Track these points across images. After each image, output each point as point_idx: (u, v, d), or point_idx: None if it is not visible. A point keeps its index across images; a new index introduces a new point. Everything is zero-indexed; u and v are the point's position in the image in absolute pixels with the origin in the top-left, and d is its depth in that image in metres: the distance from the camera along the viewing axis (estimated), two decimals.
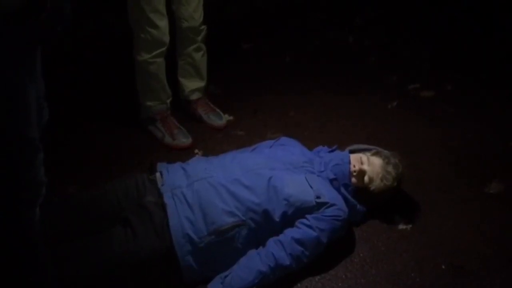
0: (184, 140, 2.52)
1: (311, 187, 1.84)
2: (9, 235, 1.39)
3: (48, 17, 1.21)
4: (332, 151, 2.14)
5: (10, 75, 1.24)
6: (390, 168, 1.98)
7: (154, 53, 2.36)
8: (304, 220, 1.80)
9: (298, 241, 1.76)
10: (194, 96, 2.68)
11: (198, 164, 1.95)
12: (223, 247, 1.74)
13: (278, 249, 1.75)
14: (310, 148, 2.18)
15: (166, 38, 2.36)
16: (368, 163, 1.98)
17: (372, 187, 1.97)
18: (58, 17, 1.25)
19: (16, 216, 1.37)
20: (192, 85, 2.65)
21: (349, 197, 1.95)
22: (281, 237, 1.78)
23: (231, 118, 2.71)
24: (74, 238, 1.72)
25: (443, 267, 1.87)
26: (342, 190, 1.95)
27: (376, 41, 3.56)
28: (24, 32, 1.23)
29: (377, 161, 2.00)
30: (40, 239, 1.45)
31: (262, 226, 1.78)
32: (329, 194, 1.86)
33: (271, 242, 1.77)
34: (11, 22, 1.18)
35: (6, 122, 1.27)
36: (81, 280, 1.63)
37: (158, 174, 1.90)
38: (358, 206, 1.97)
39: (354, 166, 1.97)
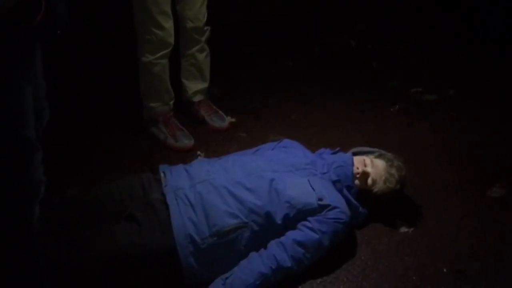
0: (186, 141, 2.52)
1: (313, 189, 1.84)
2: (7, 234, 1.38)
3: (43, 18, 1.21)
4: (334, 153, 2.14)
5: (4, 75, 1.24)
6: (393, 171, 1.98)
7: (159, 54, 2.37)
8: (306, 223, 1.80)
9: (300, 243, 1.76)
10: (197, 98, 2.69)
11: (201, 166, 1.95)
12: (225, 249, 1.74)
13: (279, 251, 1.75)
14: (312, 151, 2.17)
15: (171, 39, 2.37)
16: (372, 165, 1.98)
17: (375, 189, 1.97)
18: (54, 19, 1.26)
19: (14, 215, 1.38)
20: (195, 86, 2.66)
21: (351, 199, 1.95)
22: (282, 239, 1.78)
23: (233, 120, 2.72)
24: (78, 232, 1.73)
25: (445, 271, 1.87)
26: (345, 192, 1.94)
27: (379, 46, 3.57)
28: (19, 33, 1.23)
29: (380, 163, 2.00)
30: (37, 238, 1.46)
31: (265, 229, 1.78)
32: (331, 196, 1.86)
33: (273, 244, 1.77)
34: (5, 23, 1.19)
35: (1, 122, 1.27)
36: (84, 270, 1.63)
37: (162, 175, 1.90)
38: (361, 208, 1.97)
39: (358, 168, 1.97)
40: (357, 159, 2.01)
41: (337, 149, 2.17)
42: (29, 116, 1.32)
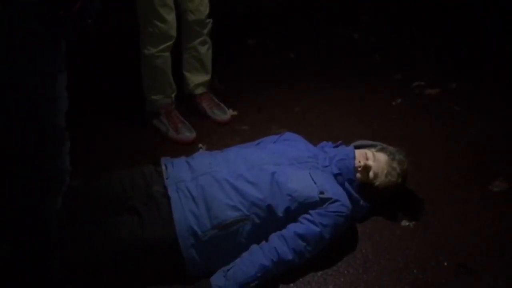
0: (188, 134, 2.52)
1: (314, 182, 1.84)
2: (33, 223, 1.39)
3: (80, 7, 1.22)
4: (336, 146, 2.14)
5: (41, 64, 1.25)
6: (395, 164, 1.98)
7: (161, 47, 2.36)
8: (307, 216, 1.80)
9: (301, 236, 1.77)
10: (199, 91, 2.68)
11: (203, 159, 1.95)
12: (227, 241, 1.75)
13: (281, 244, 1.75)
14: (314, 144, 2.18)
15: (174, 32, 2.36)
16: (374, 159, 1.98)
17: (377, 182, 1.97)
18: (89, 8, 1.26)
19: (40, 204, 1.39)
20: (197, 79, 2.65)
21: (353, 192, 1.95)
22: (284, 232, 1.78)
23: (235, 113, 2.71)
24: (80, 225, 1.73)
25: (446, 264, 1.87)
26: (347, 185, 1.95)
27: (381, 38, 3.56)
28: (56, 21, 1.23)
29: (382, 157, 2.00)
30: (56, 229, 1.47)
31: (266, 221, 1.79)
32: (332, 189, 1.86)
33: (274, 237, 1.78)
34: (43, 11, 1.19)
35: (39, 112, 1.29)
36: (87, 264, 1.64)
37: (163, 167, 1.90)
38: (362, 202, 1.97)
39: (359, 161, 1.97)
40: (359, 153, 2.01)
41: (339, 142, 2.17)
42: (62, 105, 1.33)
